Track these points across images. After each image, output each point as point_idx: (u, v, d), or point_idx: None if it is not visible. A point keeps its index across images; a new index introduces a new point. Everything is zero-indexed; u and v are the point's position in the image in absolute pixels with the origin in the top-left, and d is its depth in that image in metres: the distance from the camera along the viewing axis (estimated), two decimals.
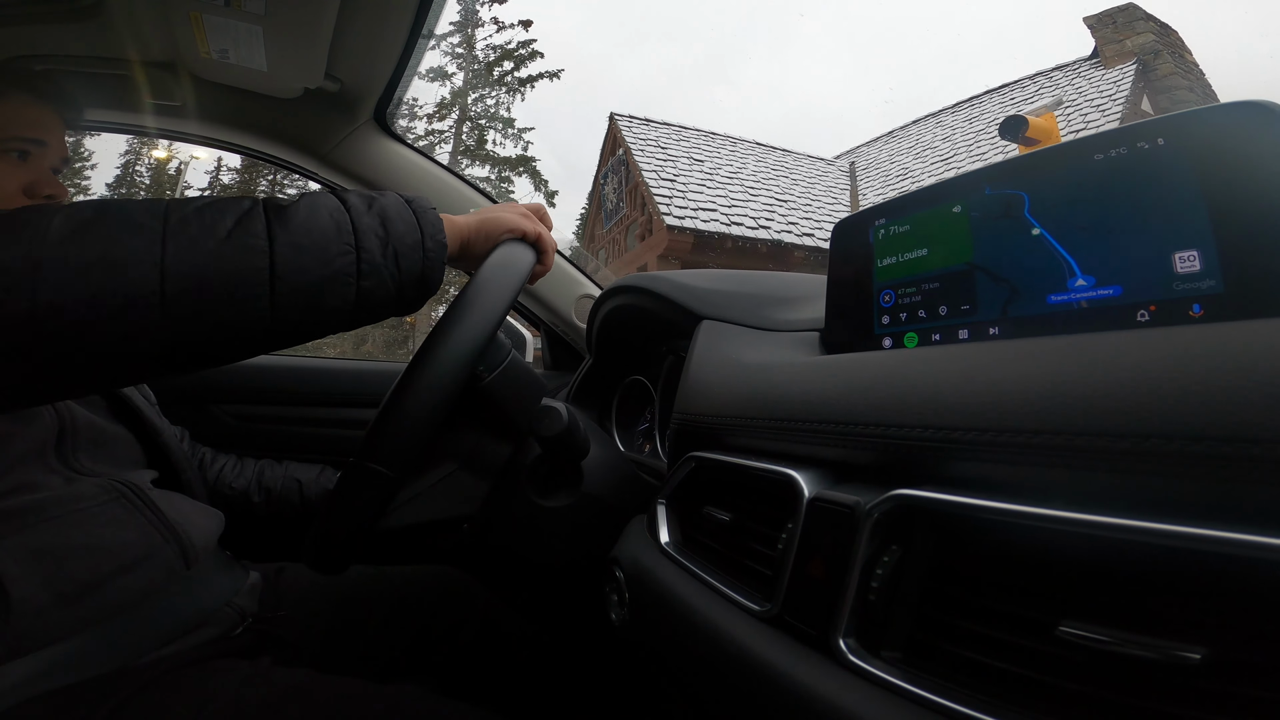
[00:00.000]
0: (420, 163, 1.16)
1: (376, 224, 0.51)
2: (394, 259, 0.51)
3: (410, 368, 0.54)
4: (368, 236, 0.50)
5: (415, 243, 0.53)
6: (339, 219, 0.49)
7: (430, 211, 0.55)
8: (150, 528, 0.64)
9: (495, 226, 0.61)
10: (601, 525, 0.69)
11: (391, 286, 0.51)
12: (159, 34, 0.85)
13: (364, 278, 0.49)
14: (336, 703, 0.56)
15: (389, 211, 0.52)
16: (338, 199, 0.51)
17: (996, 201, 0.43)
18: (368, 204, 0.52)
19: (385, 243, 0.51)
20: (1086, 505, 0.26)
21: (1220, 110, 0.33)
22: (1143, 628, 0.24)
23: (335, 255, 0.48)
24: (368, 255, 0.49)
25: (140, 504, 0.65)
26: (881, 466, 0.37)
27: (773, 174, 12.10)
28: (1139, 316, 0.35)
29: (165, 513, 0.66)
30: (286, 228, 0.46)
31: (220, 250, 0.43)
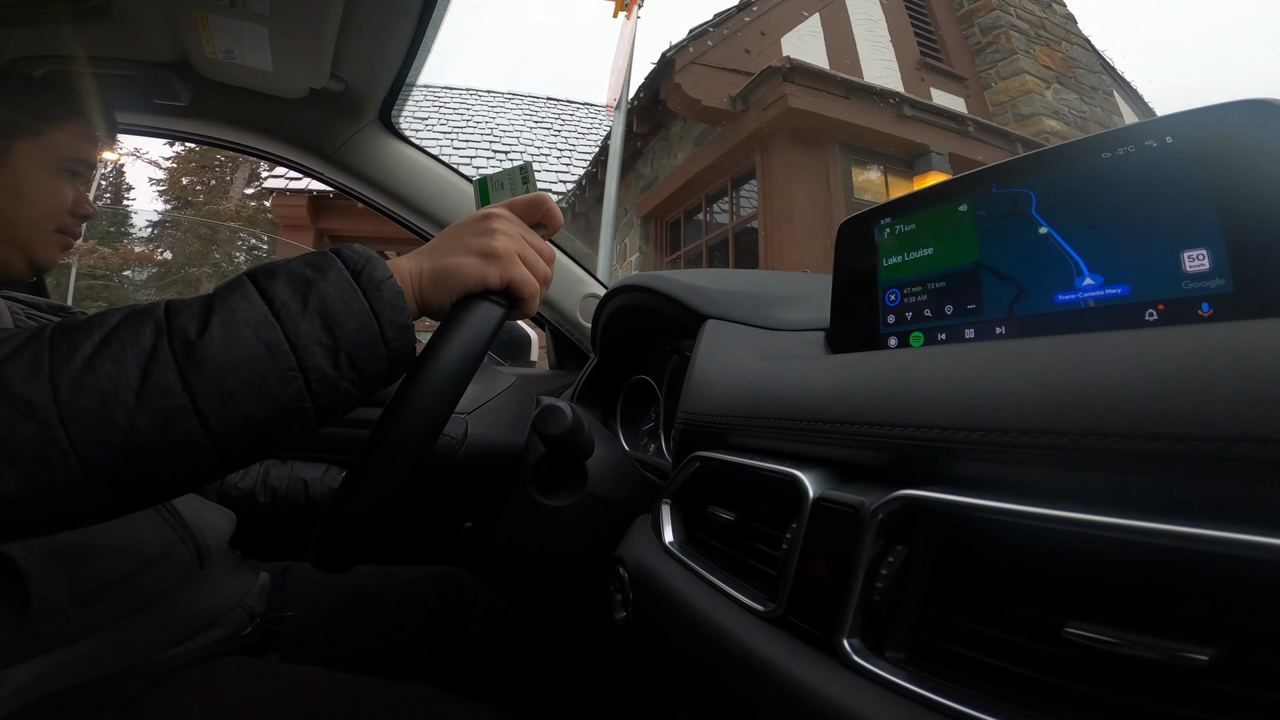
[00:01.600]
0: (424, 162, 1.17)
1: (317, 329, 0.41)
2: (349, 366, 0.42)
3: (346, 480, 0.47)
4: (310, 350, 0.41)
5: (373, 337, 0.43)
6: (268, 336, 0.40)
7: (386, 285, 0.44)
8: (167, 527, 0.65)
9: (450, 280, 0.48)
10: (605, 525, 0.69)
11: (355, 392, 0.44)
12: (165, 34, 0.85)
13: (319, 398, 0.42)
14: (346, 699, 0.56)
15: (331, 305, 0.42)
16: (263, 299, 0.41)
17: (1003, 200, 0.43)
18: (302, 300, 0.41)
19: (335, 351, 0.42)
20: (1094, 506, 0.26)
21: (1228, 108, 0.33)
22: (1150, 629, 0.24)
23: (276, 387, 0.40)
24: (317, 375, 0.41)
25: (159, 505, 0.65)
26: (886, 466, 0.37)
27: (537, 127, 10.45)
28: (1147, 316, 0.35)
29: (182, 513, 0.67)
30: (203, 372, 0.37)
31: (135, 421, 0.36)
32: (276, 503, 0.92)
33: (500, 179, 0.62)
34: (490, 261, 0.49)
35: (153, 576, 0.61)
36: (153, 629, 0.60)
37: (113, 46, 0.87)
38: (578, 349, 1.29)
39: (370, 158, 1.13)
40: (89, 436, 0.35)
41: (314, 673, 0.60)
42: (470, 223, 0.51)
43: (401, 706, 0.57)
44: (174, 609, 0.63)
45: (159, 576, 0.61)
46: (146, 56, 0.90)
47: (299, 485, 0.94)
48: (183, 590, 0.64)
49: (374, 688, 0.58)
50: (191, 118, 1.04)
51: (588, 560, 0.69)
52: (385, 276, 0.44)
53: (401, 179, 1.16)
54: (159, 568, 0.62)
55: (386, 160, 1.14)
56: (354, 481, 0.45)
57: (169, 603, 0.62)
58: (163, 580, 0.62)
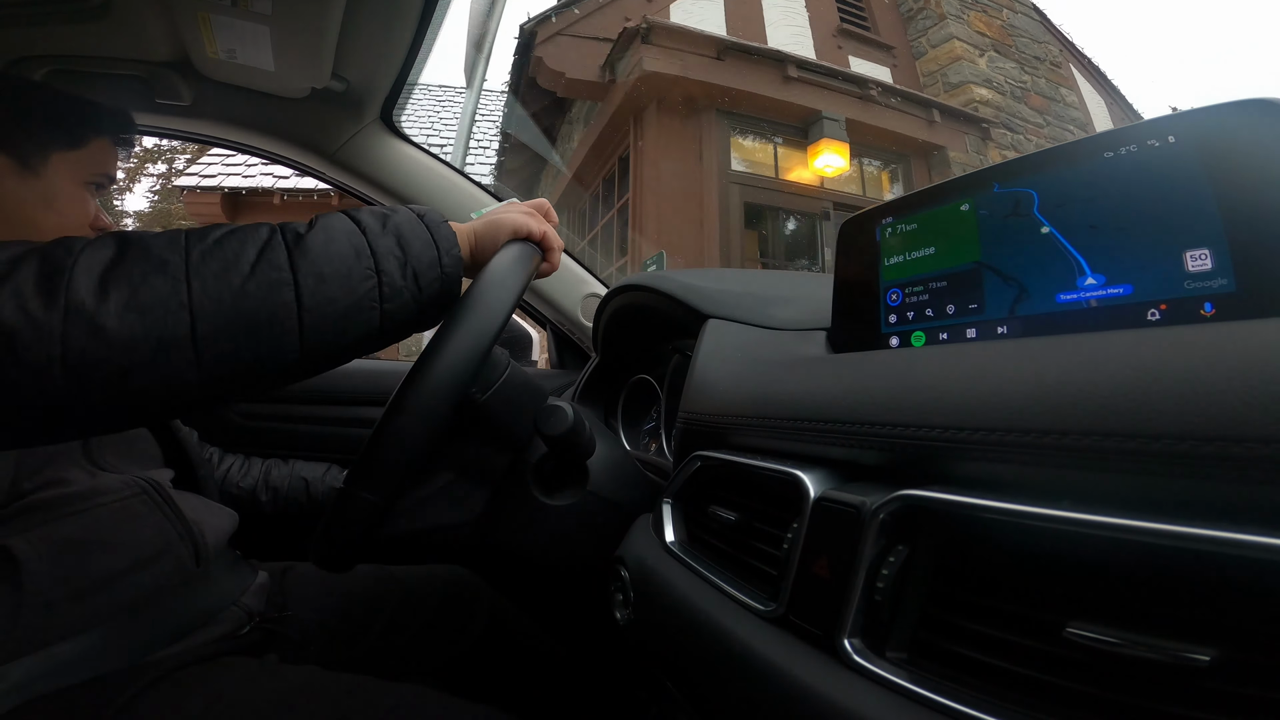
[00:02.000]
0: (427, 162, 1.17)
1: (393, 244, 0.51)
2: (413, 279, 0.51)
3: (403, 387, 0.52)
4: (386, 259, 0.50)
5: (432, 260, 0.53)
6: (356, 243, 0.49)
7: (443, 225, 0.55)
8: (167, 524, 0.65)
9: (499, 229, 0.60)
10: (607, 524, 0.69)
11: (414, 307, 0.52)
12: (166, 34, 0.85)
13: (386, 300, 0.49)
14: (345, 699, 0.56)
15: (403, 230, 0.52)
16: (351, 221, 0.51)
17: (1005, 199, 0.43)
18: (381, 223, 0.51)
19: (404, 264, 0.51)
20: (1095, 506, 0.26)
21: (1231, 108, 0.33)
22: (1151, 629, 0.24)
23: (358, 281, 0.48)
24: (388, 279, 0.49)
25: (160, 501, 0.66)
26: (888, 466, 0.37)
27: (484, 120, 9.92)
28: (1149, 316, 0.35)
29: (183, 511, 0.67)
30: (307, 257, 0.46)
31: (245, 287, 0.43)
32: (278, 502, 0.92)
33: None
34: (531, 218, 0.63)
35: (149, 574, 0.61)
36: (147, 627, 0.60)
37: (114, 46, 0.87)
38: (579, 348, 1.29)
39: (372, 157, 1.13)
40: (207, 292, 0.41)
41: (312, 673, 0.60)
42: (504, 210, 0.64)
43: (399, 707, 0.57)
44: (169, 607, 0.63)
45: (155, 574, 0.62)
46: (148, 56, 0.90)
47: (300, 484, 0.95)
48: (178, 588, 0.64)
49: (372, 688, 0.58)
50: (193, 117, 1.04)
51: (589, 560, 0.69)
52: (442, 220, 0.56)
53: (403, 179, 1.16)
54: (155, 565, 0.62)
55: (388, 160, 1.14)
56: (400, 400, 0.51)
57: (164, 601, 0.62)
58: (158, 578, 0.62)
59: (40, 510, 0.56)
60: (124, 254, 0.40)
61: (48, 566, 0.54)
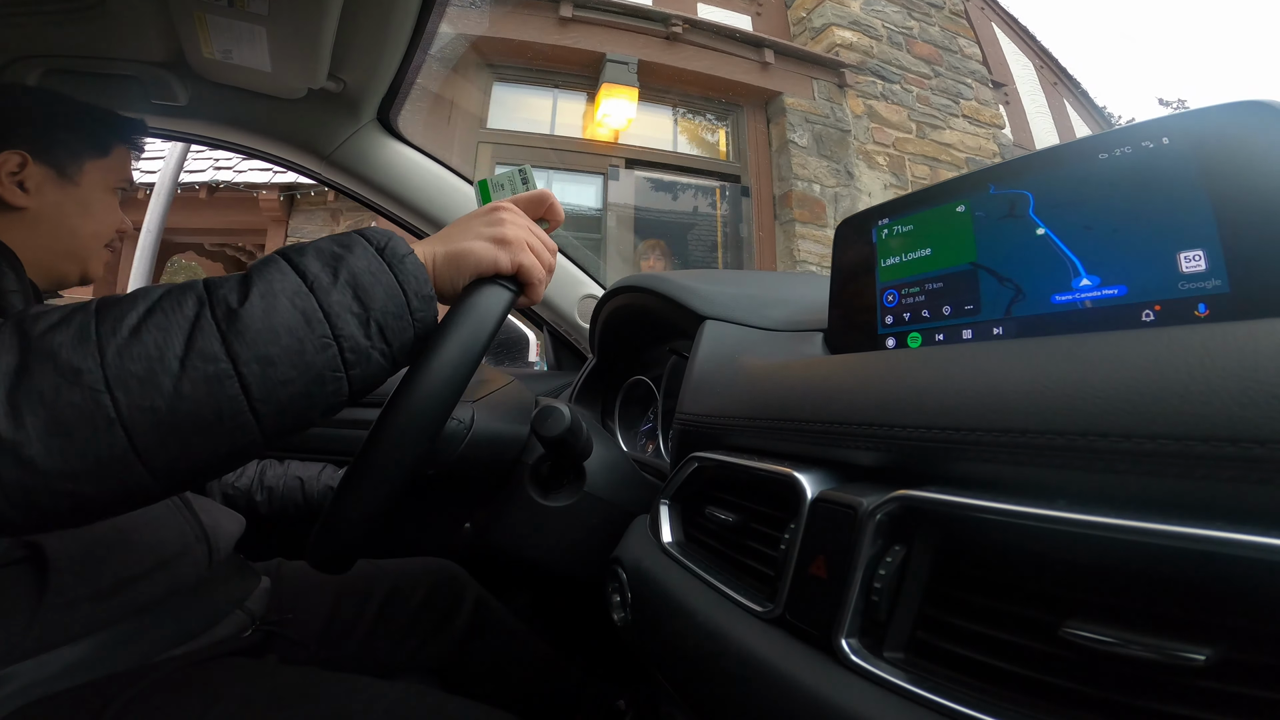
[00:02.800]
0: (423, 162, 1.16)
1: (349, 298, 0.43)
2: (380, 335, 0.44)
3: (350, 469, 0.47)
4: (342, 318, 0.42)
5: (400, 307, 0.45)
6: (304, 305, 0.41)
7: (408, 259, 0.46)
8: (186, 526, 0.66)
9: (461, 262, 0.50)
10: (604, 525, 0.69)
11: (385, 363, 0.45)
12: (163, 34, 0.85)
13: (352, 366, 0.43)
14: (344, 698, 0.56)
15: (361, 277, 0.44)
16: (295, 273, 0.42)
17: (1001, 201, 0.43)
18: (333, 273, 0.43)
19: (366, 320, 0.43)
20: (1091, 506, 0.26)
21: (1225, 110, 0.33)
22: (1147, 629, 0.24)
23: (313, 354, 0.41)
24: (350, 342, 0.43)
25: (179, 503, 0.67)
26: (885, 467, 0.37)
27: None
28: (1144, 316, 0.35)
29: (199, 513, 0.68)
30: (245, 337, 0.39)
31: (179, 388, 0.37)
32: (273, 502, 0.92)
33: (500, 180, 0.62)
34: (502, 247, 0.51)
35: (166, 575, 0.62)
36: (157, 629, 0.60)
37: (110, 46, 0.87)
38: (575, 349, 1.29)
39: (368, 158, 1.13)
40: (135, 403, 0.36)
41: (311, 673, 0.61)
42: (480, 213, 0.53)
43: (398, 705, 0.57)
44: (178, 609, 0.63)
45: (172, 575, 0.62)
46: (144, 56, 0.90)
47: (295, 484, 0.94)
48: (190, 591, 0.65)
49: (371, 687, 0.58)
50: (189, 118, 1.04)
51: (586, 561, 0.69)
52: (407, 252, 0.47)
53: (400, 179, 1.15)
54: (173, 566, 0.63)
55: (385, 160, 1.14)
56: (356, 474, 0.46)
57: (174, 603, 0.63)
58: (174, 579, 0.63)
59: None
60: (27, 364, 0.35)
61: (75, 566, 0.55)
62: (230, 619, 0.68)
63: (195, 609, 0.65)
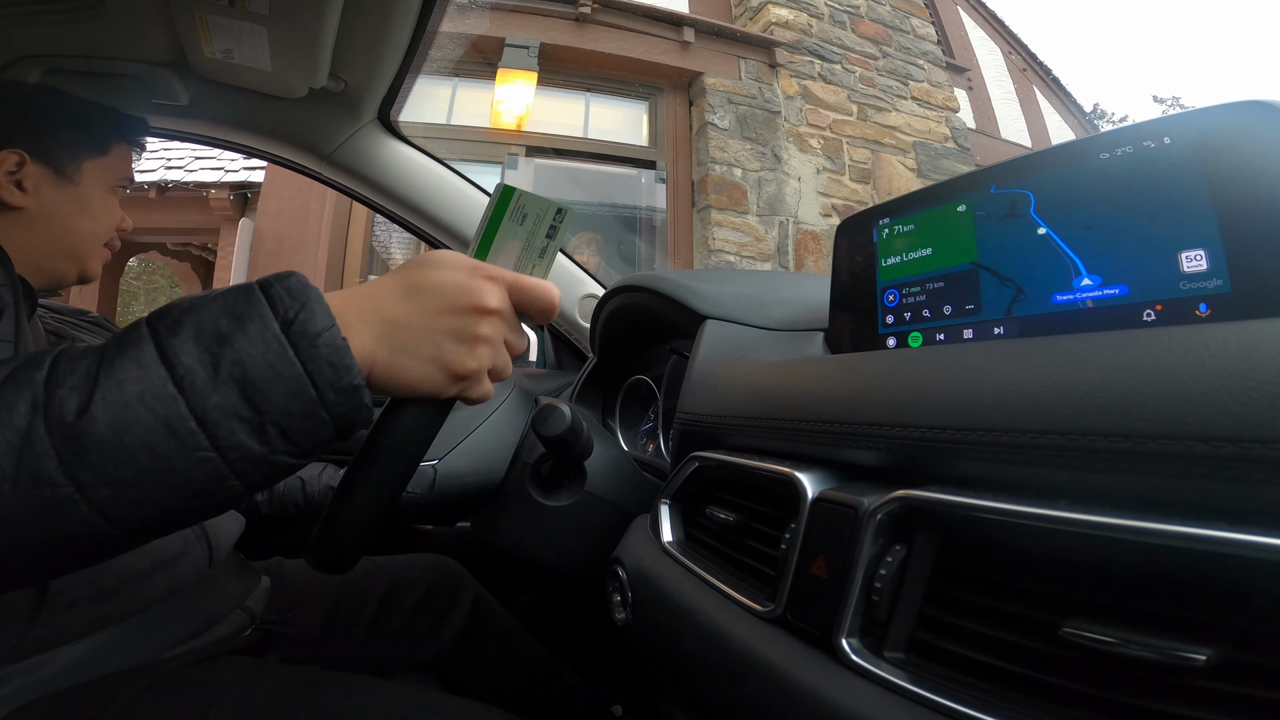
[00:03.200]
0: (424, 162, 1.16)
1: (235, 399, 0.33)
2: (282, 438, 0.34)
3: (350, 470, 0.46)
4: (225, 427, 0.33)
5: (310, 404, 0.35)
6: (168, 414, 0.32)
7: (324, 339, 0.35)
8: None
9: (400, 381, 0.40)
10: (605, 524, 0.69)
11: (296, 461, 0.36)
12: (163, 34, 0.85)
13: (246, 475, 0.34)
14: (345, 697, 0.56)
15: (252, 370, 0.33)
16: (162, 362, 0.32)
17: (1002, 200, 0.43)
18: (212, 364, 0.33)
19: (259, 426, 0.34)
20: (1092, 506, 0.26)
21: (1227, 110, 0.33)
22: (1148, 629, 0.24)
23: (184, 470, 0.32)
24: (238, 453, 0.33)
25: None
26: (885, 466, 0.37)
27: None
28: (1145, 316, 0.35)
29: None
30: (87, 461, 0.31)
31: (13, 513, 0.30)
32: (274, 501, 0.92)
33: (526, 206, 0.45)
34: (454, 382, 0.41)
35: (167, 574, 0.62)
36: (159, 628, 0.61)
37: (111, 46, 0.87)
38: (576, 349, 1.29)
39: (369, 158, 1.13)
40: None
41: (312, 672, 0.61)
42: (458, 310, 0.40)
43: (399, 705, 0.57)
44: (181, 609, 0.63)
45: (172, 575, 0.62)
46: (145, 56, 0.90)
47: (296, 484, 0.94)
48: (190, 590, 0.65)
49: (372, 686, 0.59)
50: (190, 118, 1.04)
51: (586, 560, 0.69)
52: (324, 328, 0.35)
53: (400, 179, 1.15)
54: (174, 566, 0.63)
55: (385, 160, 1.14)
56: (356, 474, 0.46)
57: (175, 602, 0.63)
58: (175, 578, 0.63)
59: None
60: None
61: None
62: (230, 618, 0.68)
63: (196, 608, 0.65)
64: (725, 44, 4.85)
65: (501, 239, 0.45)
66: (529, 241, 0.46)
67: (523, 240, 0.46)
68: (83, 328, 0.75)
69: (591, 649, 1.06)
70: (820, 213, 4.64)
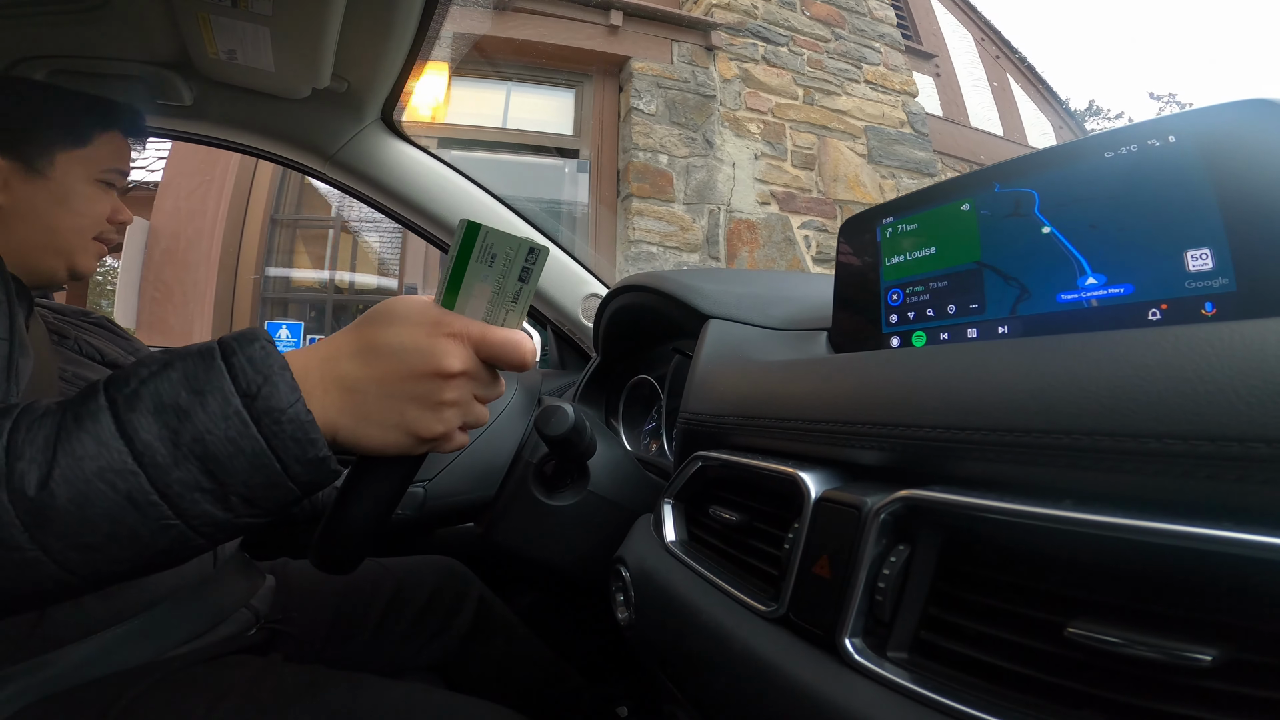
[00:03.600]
0: (427, 163, 1.17)
1: (196, 474, 0.33)
2: (245, 505, 0.35)
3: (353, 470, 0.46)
4: (187, 499, 0.33)
5: (273, 477, 0.35)
6: (129, 488, 0.32)
7: (289, 415, 0.35)
8: None
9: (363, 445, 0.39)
10: (608, 524, 0.69)
11: (261, 521, 0.37)
12: (167, 35, 0.85)
13: (212, 536, 0.35)
14: (348, 696, 0.57)
15: (213, 446, 0.33)
16: (120, 436, 0.33)
17: (1006, 199, 0.43)
18: (172, 440, 0.33)
19: (222, 496, 0.34)
20: (1096, 506, 0.26)
21: (1232, 108, 0.33)
22: (1153, 629, 0.24)
23: (150, 536, 0.33)
24: (201, 520, 0.34)
25: None
26: (889, 466, 0.37)
27: None
28: (1150, 315, 0.35)
29: None
30: (52, 530, 0.31)
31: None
32: None
33: (495, 245, 0.40)
34: (421, 444, 0.40)
35: (171, 573, 0.62)
36: (162, 628, 0.61)
37: (115, 47, 0.87)
38: (579, 348, 1.29)
39: (372, 158, 1.13)
40: None
41: (316, 671, 0.61)
42: (415, 376, 0.38)
43: (403, 703, 0.57)
44: (185, 607, 0.63)
45: (176, 574, 0.62)
46: (149, 57, 0.90)
47: None
48: (195, 588, 0.65)
49: (376, 685, 0.59)
50: (194, 118, 1.04)
51: (590, 560, 0.69)
52: (288, 404, 0.35)
53: (403, 179, 1.15)
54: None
55: (388, 160, 1.14)
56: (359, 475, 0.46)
57: (180, 600, 0.63)
58: (178, 577, 0.63)
59: None
60: None
61: None
62: (235, 617, 0.68)
63: (200, 607, 0.65)
64: (658, 27, 4.56)
65: (469, 283, 0.41)
66: (500, 285, 0.41)
67: (493, 285, 0.41)
68: (85, 328, 0.75)
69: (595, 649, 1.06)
70: (757, 200, 4.39)
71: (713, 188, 4.26)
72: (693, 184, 4.25)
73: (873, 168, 4.82)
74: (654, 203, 4.17)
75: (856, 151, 4.81)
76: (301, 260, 4.71)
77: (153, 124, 1.04)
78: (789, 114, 4.72)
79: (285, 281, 4.59)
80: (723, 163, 4.37)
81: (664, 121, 4.33)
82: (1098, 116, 17.59)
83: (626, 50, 4.48)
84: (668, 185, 4.22)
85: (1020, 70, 7.54)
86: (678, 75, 4.46)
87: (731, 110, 4.51)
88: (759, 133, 4.56)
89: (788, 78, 4.78)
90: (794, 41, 4.91)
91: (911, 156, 4.97)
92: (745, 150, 4.48)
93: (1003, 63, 7.36)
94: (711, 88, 4.50)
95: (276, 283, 4.52)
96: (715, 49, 4.61)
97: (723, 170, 4.34)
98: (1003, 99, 7.11)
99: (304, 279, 4.70)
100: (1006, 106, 7.11)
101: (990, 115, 6.82)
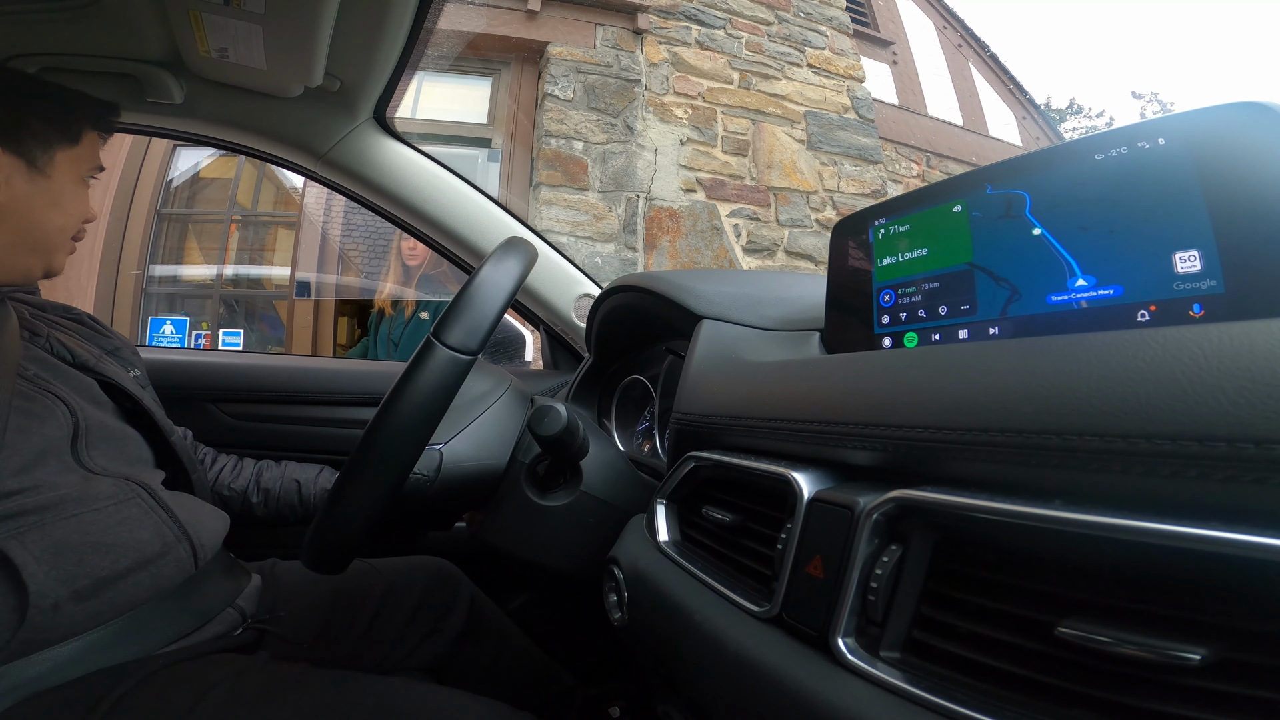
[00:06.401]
0: (420, 162, 1.16)
1: None
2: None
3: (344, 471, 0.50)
4: None
5: None
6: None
7: None
8: (164, 527, 0.65)
9: None
10: (601, 524, 0.69)
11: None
12: (158, 33, 0.85)
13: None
14: (333, 691, 0.56)
15: None
16: None
17: (997, 201, 0.43)
18: None
19: None
20: (1086, 506, 0.26)
21: (1221, 111, 0.33)
22: (1143, 628, 0.24)
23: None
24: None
25: (154, 504, 0.65)
26: (881, 466, 0.37)
27: None
28: (1139, 317, 0.35)
29: (176, 513, 0.67)
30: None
31: None
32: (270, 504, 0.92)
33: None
34: None
35: (149, 574, 0.61)
36: (147, 627, 0.60)
37: (106, 45, 0.87)
38: (572, 349, 1.29)
39: (364, 157, 1.13)
40: None
41: (302, 668, 0.61)
42: None
43: (388, 697, 0.57)
44: (168, 608, 0.63)
45: (155, 574, 0.62)
46: (140, 55, 0.90)
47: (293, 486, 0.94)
48: (178, 589, 0.64)
49: (361, 681, 0.59)
50: (184, 117, 1.04)
51: (583, 560, 0.69)
52: None
53: (395, 178, 1.15)
54: (156, 565, 0.62)
55: (380, 159, 1.14)
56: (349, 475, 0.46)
57: (164, 601, 0.62)
58: (159, 578, 0.62)
59: (33, 514, 0.56)
60: None
61: (46, 569, 0.54)
62: (221, 617, 0.68)
63: (184, 607, 0.64)
64: (580, 11, 4.34)
65: None
66: None
67: None
68: (61, 326, 0.74)
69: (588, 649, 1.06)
70: (681, 187, 4.17)
71: (631, 175, 4.04)
72: (609, 171, 4.02)
73: (812, 154, 4.60)
74: (565, 191, 3.94)
75: (794, 137, 4.59)
76: (192, 256, 4.49)
77: (143, 122, 1.04)
78: (721, 98, 4.50)
79: (173, 277, 4.38)
80: (643, 148, 4.14)
81: (580, 107, 4.11)
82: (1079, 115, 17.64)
83: (546, 36, 4.26)
84: (581, 173, 4.01)
85: (984, 60, 7.28)
86: (599, 60, 4.24)
87: (657, 95, 4.31)
88: (686, 118, 4.35)
89: (722, 61, 4.56)
90: (732, 24, 4.68)
91: (854, 143, 4.74)
92: (670, 136, 4.26)
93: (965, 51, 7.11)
94: (636, 72, 4.28)
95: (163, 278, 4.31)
96: (643, 32, 4.39)
97: (643, 156, 4.12)
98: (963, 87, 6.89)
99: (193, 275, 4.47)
100: (967, 95, 6.89)
101: (950, 103, 6.60)
